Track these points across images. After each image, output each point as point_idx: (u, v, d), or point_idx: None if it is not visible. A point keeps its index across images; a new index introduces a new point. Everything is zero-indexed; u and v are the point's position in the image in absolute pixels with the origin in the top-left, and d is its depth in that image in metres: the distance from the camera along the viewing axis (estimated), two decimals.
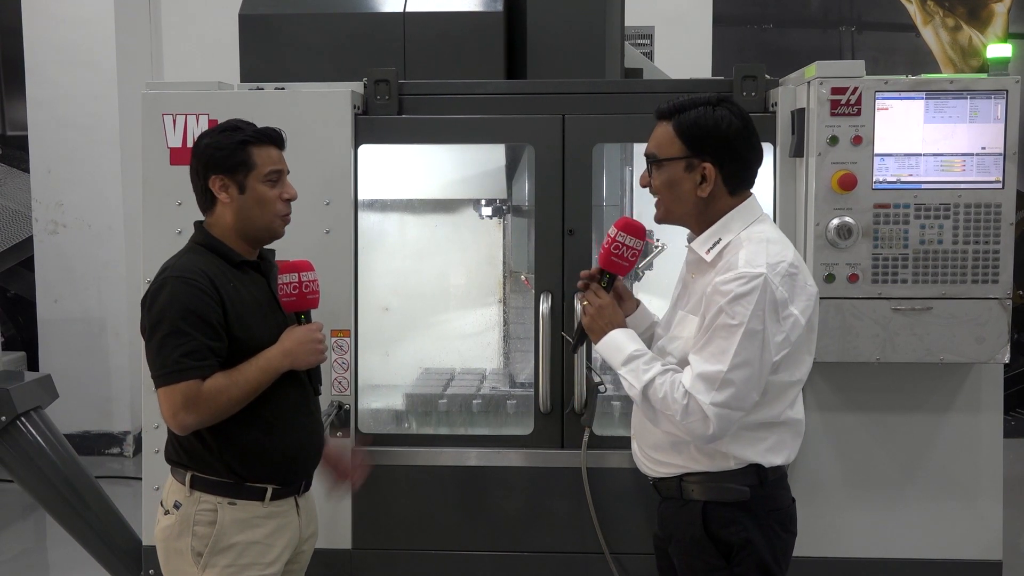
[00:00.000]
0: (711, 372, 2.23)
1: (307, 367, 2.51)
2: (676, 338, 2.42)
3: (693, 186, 2.36)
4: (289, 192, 2.53)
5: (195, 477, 2.43)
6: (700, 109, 2.35)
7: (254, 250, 2.55)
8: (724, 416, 2.23)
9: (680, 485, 2.42)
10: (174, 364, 2.31)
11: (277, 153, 2.52)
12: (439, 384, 3.72)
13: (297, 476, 2.54)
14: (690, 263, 2.49)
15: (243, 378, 2.37)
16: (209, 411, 2.33)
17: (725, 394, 2.22)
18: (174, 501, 2.46)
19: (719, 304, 2.24)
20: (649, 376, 2.32)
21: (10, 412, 3.67)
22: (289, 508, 2.52)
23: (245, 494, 2.43)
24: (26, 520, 5.49)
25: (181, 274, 2.37)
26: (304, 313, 2.53)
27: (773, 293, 2.23)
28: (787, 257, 2.29)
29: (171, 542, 2.45)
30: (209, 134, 2.51)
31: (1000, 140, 2.93)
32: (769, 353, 2.24)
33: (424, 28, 3.49)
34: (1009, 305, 2.95)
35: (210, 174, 2.45)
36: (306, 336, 2.47)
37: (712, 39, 6.72)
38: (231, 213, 2.47)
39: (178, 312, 2.32)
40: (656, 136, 2.41)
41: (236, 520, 2.42)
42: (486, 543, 3.24)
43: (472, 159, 3.64)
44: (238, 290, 2.44)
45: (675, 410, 2.25)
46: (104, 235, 6.49)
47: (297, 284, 2.50)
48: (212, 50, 5.91)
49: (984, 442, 3.12)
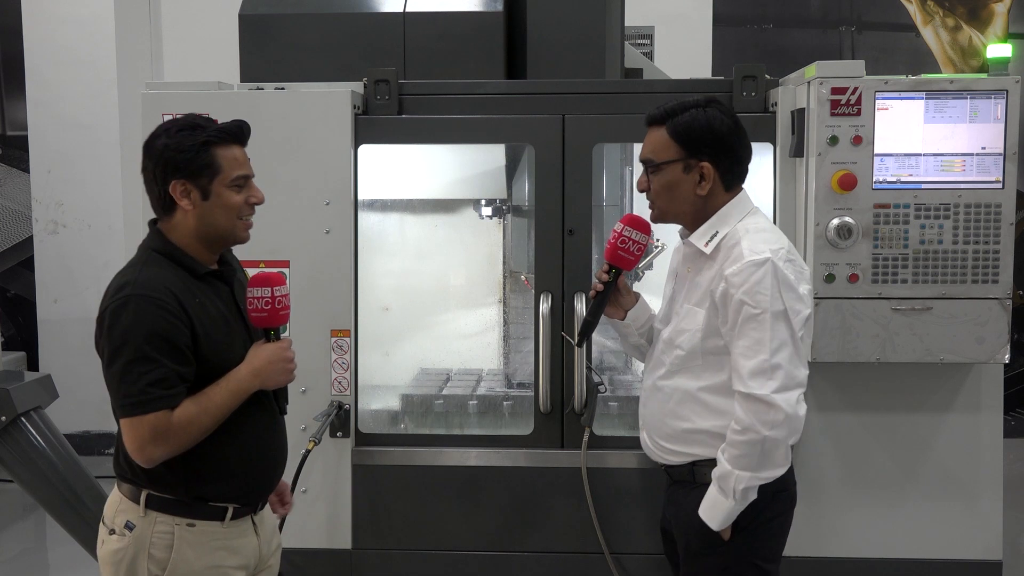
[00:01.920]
0: (758, 365, 2.30)
1: (276, 387, 2.34)
2: (684, 330, 2.48)
3: (692, 185, 2.44)
4: (256, 196, 2.33)
5: (151, 496, 2.24)
6: (692, 111, 2.43)
7: (215, 256, 2.35)
8: (787, 399, 2.29)
9: (692, 470, 2.49)
10: (140, 394, 2.11)
11: (242, 153, 2.30)
12: (436, 385, 3.72)
13: (259, 496, 2.39)
14: (687, 256, 2.55)
15: (212, 404, 2.19)
16: (179, 442, 2.16)
17: (778, 379, 2.29)
18: (125, 521, 2.25)
19: (737, 297, 2.33)
20: (723, 468, 2.35)
21: (10, 412, 3.68)
22: (247, 528, 2.35)
23: (205, 514, 2.26)
24: (26, 520, 5.48)
25: (145, 292, 2.15)
26: (274, 329, 2.33)
27: (784, 273, 2.33)
28: (784, 244, 2.41)
29: (123, 566, 2.24)
30: (165, 133, 2.25)
31: (1000, 140, 2.93)
32: (796, 329, 2.33)
33: (424, 28, 3.49)
34: (1009, 305, 2.95)
35: (170, 179, 2.22)
36: (276, 355, 2.29)
37: (712, 39, 6.72)
38: (193, 219, 2.26)
39: (143, 336, 2.12)
40: (651, 141, 2.48)
41: (194, 543, 2.25)
42: (486, 543, 3.24)
43: (472, 159, 3.64)
44: (204, 306, 2.25)
45: (756, 436, 2.30)
46: (104, 235, 6.48)
47: (269, 299, 2.29)
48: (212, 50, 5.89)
49: (984, 442, 3.12)
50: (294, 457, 2.73)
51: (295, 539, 3.11)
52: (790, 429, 2.31)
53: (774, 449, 2.32)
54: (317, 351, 3.16)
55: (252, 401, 2.28)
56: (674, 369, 2.50)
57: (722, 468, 2.36)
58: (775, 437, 2.30)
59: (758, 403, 2.29)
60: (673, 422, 2.51)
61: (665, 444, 2.54)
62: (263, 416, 2.35)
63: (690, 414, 2.47)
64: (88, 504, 3.68)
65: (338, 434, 3.18)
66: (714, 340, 2.42)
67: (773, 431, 2.29)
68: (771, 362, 2.29)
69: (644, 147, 2.50)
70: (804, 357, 2.37)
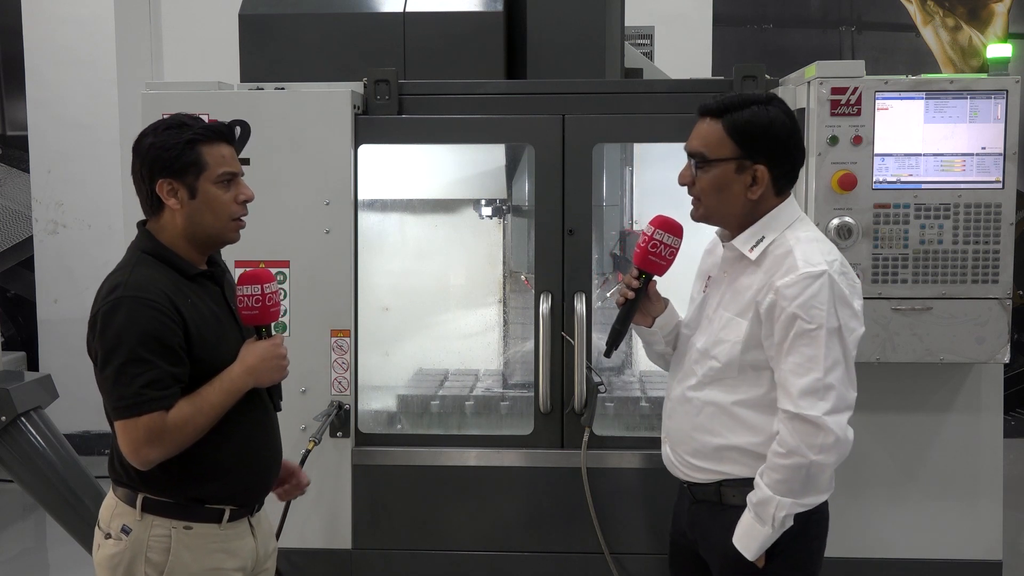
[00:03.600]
0: (811, 384, 2.16)
1: (270, 384, 2.33)
2: (723, 341, 2.32)
3: (743, 188, 2.28)
4: (245, 193, 2.30)
5: (147, 500, 2.23)
6: (753, 108, 2.26)
7: (204, 257, 2.34)
8: (838, 422, 2.17)
9: (719, 490, 2.35)
10: (134, 396, 2.10)
11: (229, 151, 2.29)
12: (432, 385, 3.71)
13: (256, 496, 2.38)
14: (726, 260, 2.40)
15: (207, 404, 2.18)
16: (175, 443, 2.15)
17: (831, 400, 2.16)
18: (121, 525, 2.24)
19: (789, 311, 2.18)
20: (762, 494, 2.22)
21: (10, 412, 3.68)
22: (244, 530, 2.34)
23: (202, 517, 2.25)
24: (26, 520, 5.49)
25: (137, 293, 2.14)
26: (265, 327, 2.32)
27: (840, 288, 2.20)
28: (837, 256, 2.27)
29: (120, 570, 2.23)
30: (152, 132, 2.25)
31: (1000, 140, 2.93)
32: (849, 347, 2.20)
33: (424, 28, 3.49)
34: (1009, 305, 2.95)
35: (156, 177, 2.22)
36: (270, 352, 2.28)
37: (712, 39, 6.72)
38: (181, 219, 2.25)
39: (136, 337, 2.11)
40: (703, 134, 2.30)
41: (191, 546, 2.24)
42: (486, 543, 3.24)
43: (472, 159, 3.64)
44: (196, 306, 2.24)
45: (802, 460, 2.17)
46: (104, 235, 6.48)
47: (260, 297, 2.28)
48: (212, 50, 5.89)
49: (984, 442, 3.12)
50: (294, 457, 2.73)
51: (295, 539, 3.11)
52: (839, 454, 2.19)
53: (820, 474, 2.19)
54: (317, 351, 3.16)
55: (245, 399, 2.27)
56: (707, 381, 2.35)
57: (761, 493, 2.21)
58: (822, 462, 2.16)
59: (807, 424, 2.15)
60: (703, 437, 2.35)
61: (692, 460, 2.39)
62: (257, 414, 2.35)
63: (722, 429, 2.32)
64: (88, 504, 3.68)
65: (338, 434, 3.18)
66: (755, 353, 2.27)
67: (821, 455, 2.15)
68: (824, 381, 2.15)
69: (693, 138, 2.31)
70: (855, 378, 2.23)
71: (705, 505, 2.40)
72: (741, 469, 2.31)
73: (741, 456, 2.31)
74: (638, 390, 3.64)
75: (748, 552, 2.25)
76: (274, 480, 2.46)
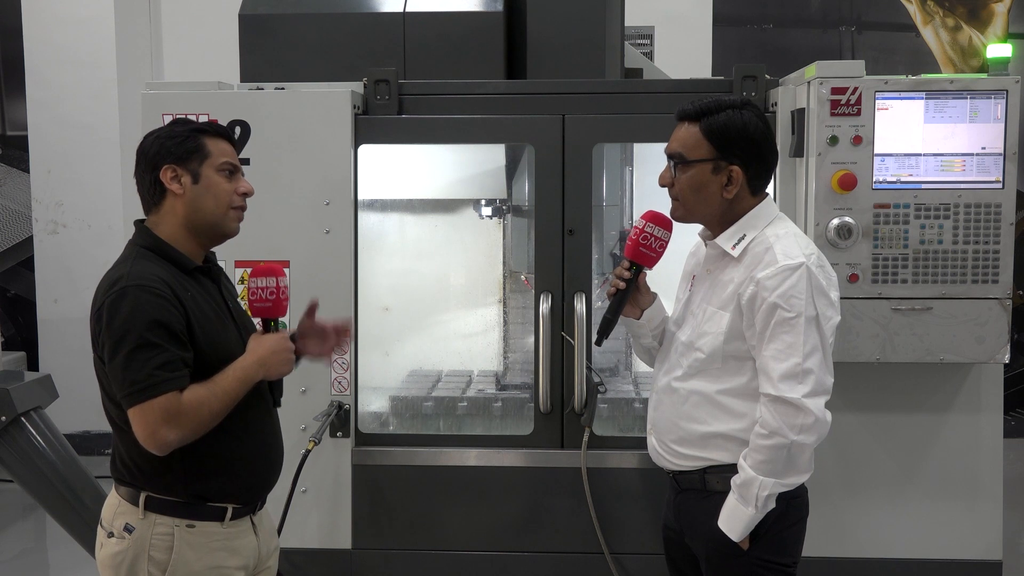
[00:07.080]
0: (790, 368, 2.27)
1: (278, 377, 2.35)
2: (706, 333, 2.43)
3: (719, 188, 2.40)
4: (244, 187, 2.35)
5: (150, 498, 2.24)
6: (728, 112, 2.38)
7: (203, 252, 2.37)
8: (816, 404, 2.28)
9: (703, 477, 2.45)
10: (148, 378, 2.11)
11: (230, 147, 2.35)
12: (425, 387, 3.70)
13: (258, 493, 2.39)
14: (709, 258, 2.51)
15: (221, 389, 2.19)
16: (191, 425, 2.15)
17: (809, 384, 2.27)
18: (124, 524, 2.24)
19: (770, 300, 2.29)
20: (746, 475, 2.31)
21: (10, 412, 3.68)
22: (246, 528, 2.35)
23: (204, 515, 2.26)
24: (26, 520, 5.49)
25: (141, 282, 2.16)
26: (274, 320, 2.36)
27: (818, 279, 2.31)
28: (815, 250, 2.40)
29: (123, 568, 2.24)
30: (155, 131, 2.35)
31: (1000, 140, 2.93)
32: (826, 335, 2.32)
33: (424, 28, 3.49)
34: (1009, 305, 2.95)
35: (161, 164, 2.26)
36: (280, 345, 2.31)
37: (712, 39, 6.72)
38: (182, 206, 2.28)
39: (144, 324, 2.12)
40: (681, 137, 2.43)
41: (194, 544, 2.25)
42: (486, 543, 3.24)
43: (472, 159, 3.64)
44: (196, 300, 2.26)
45: (783, 440, 2.27)
46: (104, 235, 6.48)
47: (274, 289, 2.34)
48: (212, 50, 5.90)
49: (984, 442, 3.12)
50: (294, 457, 2.73)
51: (295, 539, 3.11)
52: (818, 435, 2.29)
53: (800, 454, 2.30)
54: None
55: (248, 395, 2.28)
56: (692, 372, 2.45)
57: (744, 475, 2.31)
58: (802, 442, 2.27)
59: (788, 406, 2.26)
60: (688, 425, 2.45)
61: (677, 448, 2.48)
62: (259, 410, 2.36)
63: (707, 417, 2.42)
64: (88, 504, 3.68)
65: (338, 434, 3.18)
66: (737, 344, 2.38)
67: (801, 435, 2.26)
68: (803, 366, 2.26)
69: (673, 141, 2.44)
70: (831, 364, 2.35)
71: (690, 493, 2.49)
72: (725, 455, 2.40)
73: (726, 442, 2.40)
74: (633, 391, 3.64)
75: (733, 534, 2.34)
76: (276, 478, 2.47)
